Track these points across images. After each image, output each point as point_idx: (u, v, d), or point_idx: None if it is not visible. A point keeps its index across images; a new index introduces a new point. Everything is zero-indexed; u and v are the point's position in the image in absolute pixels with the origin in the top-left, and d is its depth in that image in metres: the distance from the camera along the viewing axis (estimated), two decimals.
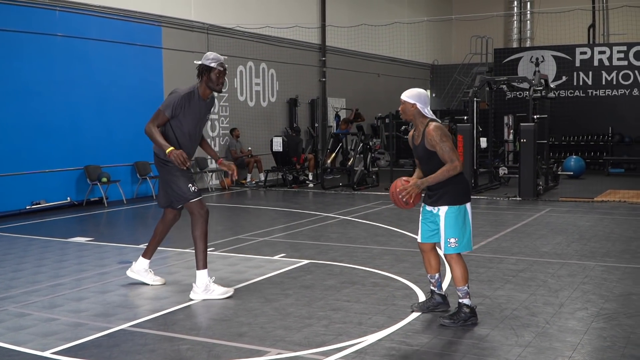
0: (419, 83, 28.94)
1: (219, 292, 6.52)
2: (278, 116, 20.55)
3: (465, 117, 15.65)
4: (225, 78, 6.78)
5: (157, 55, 16.08)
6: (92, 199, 14.21)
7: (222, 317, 5.93)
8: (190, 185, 6.63)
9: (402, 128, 19.22)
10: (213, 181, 17.76)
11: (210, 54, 6.72)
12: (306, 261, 8.12)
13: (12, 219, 12.24)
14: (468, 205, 5.59)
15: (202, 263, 6.55)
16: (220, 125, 18.27)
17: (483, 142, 16.24)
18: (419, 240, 5.85)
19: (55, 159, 13.70)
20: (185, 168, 6.44)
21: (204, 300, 6.43)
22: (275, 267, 7.87)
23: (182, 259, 8.45)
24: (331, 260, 8.15)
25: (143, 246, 9.16)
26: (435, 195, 5.57)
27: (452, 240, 5.54)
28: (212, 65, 6.60)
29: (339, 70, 22.88)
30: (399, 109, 5.72)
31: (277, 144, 17.63)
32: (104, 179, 14.08)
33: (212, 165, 17.84)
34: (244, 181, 18.17)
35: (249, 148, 18.42)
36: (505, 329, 5.45)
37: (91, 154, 14.27)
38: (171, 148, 6.35)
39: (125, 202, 14.60)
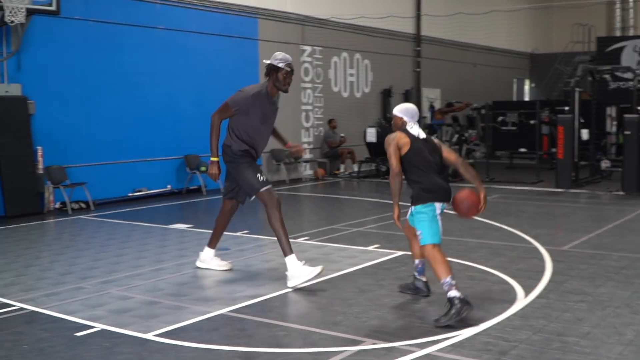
0: (517, 72, 28.34)
1: (312, 273, 6.55)
2: (372, 107, 20.52)
3: (567, 108, 15.20)
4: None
5: (253, 46, 16.34)
6: (192, 187, 14.63)
7: (318, 305, 6.00)
8: (258, 174, 6.81)
9: (499, 119, 18.86)
10: (307, 172, 17.93)
11: (279, 54, 6.84)
12: (400, 253, 8.09)
13: (116, 206, 12.75)
14: (437, 204, 5.91)
15: (288, 249, 6.66)
16: (315, 115, 18.41)
17: (584, 134, 15.71)
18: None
19: (156, 148, 14.16)
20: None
21: (300, 286, 6.51)
22: (369, 257, 7.89)
23: (277, 247, 8.54)
24: None
25: (241, 234, 9.42)
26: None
27: (418, 232, 5.86)
28: (280, 65, 6.75)
29: (434, 60, 22.61)
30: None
31: (371, 135, 17.62)
32: (203, 168, 14.44)
33: (306, 155, 18.02)
34: (337, 172, 18.26)
35: (341, 134, 18.43)
36: (607, 327, 5.29)
37: (190, 144, 14.67)
38: (215, 159, 6.76)
39: (223, 190, 14.91)
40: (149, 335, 5.22)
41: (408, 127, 6.04)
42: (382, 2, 20.02)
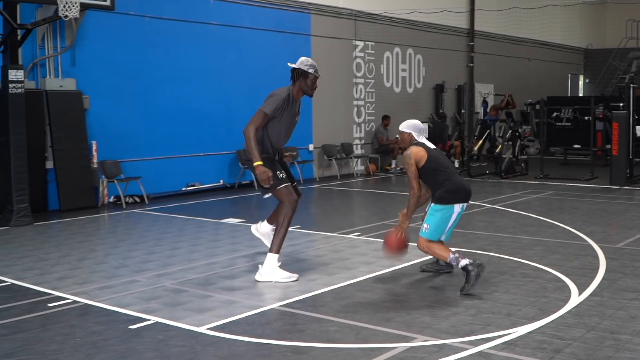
0: (572, 68, 27.79)
1: (283, 276, 6.63)
2: (424, 102, 20.35)
3: (621, 104, 14.83)
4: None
5: (306, 42, 16.36)
6: (244, 182, 14.73)
7: (369, 301, 5.98)
8: (277, 172, 6.83)
9: (554, 115, 18.49)
10: (358, 167, 17.89)
11: (307, 60, 6.93)
12: (453, 249, 7.99)
13: (169, 200, 12.92)
14: (457, 206, 6.23)
15: (276, 248, 6.72)
16: (366, 111, 18.34)
17: (639, 130, 15.34)
18: None
19: (209, 143, 14.29)
20: (266, 187, 6.70)
21: (346, 283, 6.50)
22: (421, 254, 7.76)
23: (328, 243, 8.59)
24: (478, 249, 7.99)
25: (291, 228, 9.41)
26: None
27: (425, 225, 6.30)
28: (310, 71, 6.85)
29: (488, 55, 22.32)
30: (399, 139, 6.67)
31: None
32: None
33: (358, 151, 17.98)
34: (388, 167, 18.17)
35: (397, 136, 18.31)
36: None
37: (242, 139, 14.64)
38: (260, 163, 6.59)
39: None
40: (202, 329, 5.26)
41: (419, 139, 6.42)
42: None
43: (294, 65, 6.88)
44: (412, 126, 6.52)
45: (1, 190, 10.59)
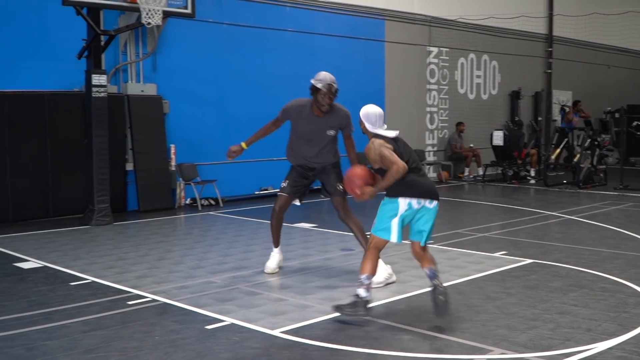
0: None
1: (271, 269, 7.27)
2: (499, 109, 20.06)
3: None
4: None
5: (379, 48, 16.35)
6: (316, 187, 14.75)
7: None
8: (285, 180, 7.32)
9: (634, 124, 17.95)
10: (430, 174, 17.75)
11: (321, 74, 6.94)
12: (529, 260, 7.86)
13: (243, 203, 13.11)
14: (401, 200, 5.50)
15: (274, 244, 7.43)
16: (439, 117, 18.19)
17: None
18: None
19: (282, 148, 14.27)
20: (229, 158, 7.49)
21: (422, 292, 6.44)
22: (496, 264, 7.71)
23: (400, 250, 8.53)
24: (556, 261, 7.82)
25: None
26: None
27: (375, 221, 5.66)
28: (318, 86, 6.82)
29: (566, 62, 21.81)
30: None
31: (498, 138, 17.22)
32: None
33: (430, 158, 17.84)
34: (461, 175, 17.98)
35: (471, 145, 18.14)
36: None
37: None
38: (240, 144, 7.48)
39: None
40: (276, 332, 5.32)
41: (380, 132, 5.76)
42: (513, 2, 19.50)
43: (312, 80, 6.93)
44: (365, 115, 5.79)
45: (83, 191, 10.96)
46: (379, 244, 5.63)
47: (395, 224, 5.52)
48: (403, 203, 5.50)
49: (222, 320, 5.61)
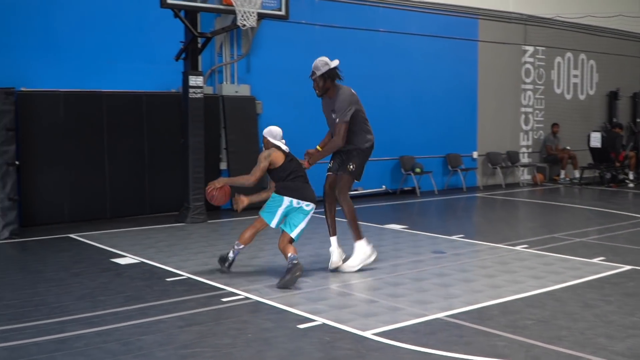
0: None
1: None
2: (596, 110, 19.42)
3: None
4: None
5: (472, 48, 16.09)
6: (406, 188, 14.73)
7: (540, 317, 5.76)
8: (331, 159, 7.86)
9: None
10: (524, 176, 17.35)
11: (317, 60, 7.74)
12: (628, 267, 7.57)
13: None
14: (286, 198, 7.11)
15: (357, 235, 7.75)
16: (535, 118, 17.75)
17: None
18: None
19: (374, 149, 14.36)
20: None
21: (513, 298, 6.31)
22: (593, 270, 7.46)
23: (494, 254, 8.39)
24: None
25: (456, 237, 9.33)
26: None
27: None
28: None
29: None
30: None
31: (595, 140, 16.67)
32: (418, 170, 14.49)
33: (525, 159, 17.45)
34: (556, 177, 17.50)
35: (568, 147, 17.64)
36: None
37: (406, 145, 14.77)
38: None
39: (436, 192, 14.90)
40: (367, 334, 5.30)
41: (279, 144, 7.40)
42: (611, 0, 18.84)
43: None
44: (269, 132, 7.47)
45: (179, 189, 11.25)
46: (260, 223, 7.24)
47: (278, 213, 7.10)
48: (287, 200, 7.09)
49: (314, 320, 5.64)
